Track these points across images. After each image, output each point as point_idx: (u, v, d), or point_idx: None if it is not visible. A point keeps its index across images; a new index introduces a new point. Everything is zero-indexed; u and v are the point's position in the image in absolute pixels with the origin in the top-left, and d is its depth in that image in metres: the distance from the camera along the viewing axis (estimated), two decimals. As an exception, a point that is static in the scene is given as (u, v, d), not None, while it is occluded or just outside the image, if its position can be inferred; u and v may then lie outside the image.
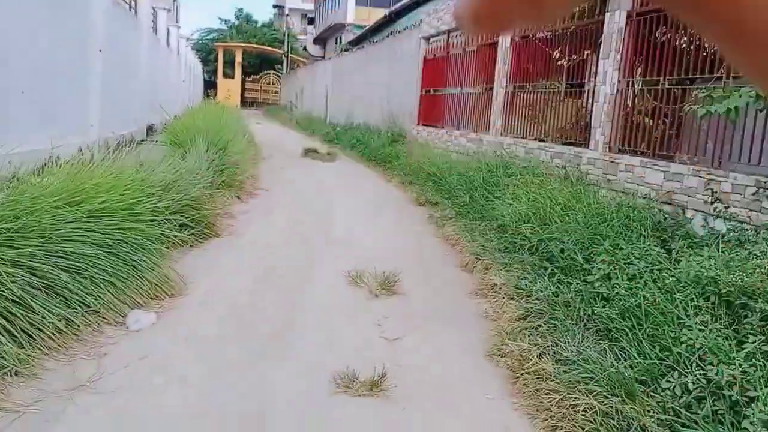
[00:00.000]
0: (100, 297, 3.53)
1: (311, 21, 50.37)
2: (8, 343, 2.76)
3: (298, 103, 33.81)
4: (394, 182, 10.45)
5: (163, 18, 17.01)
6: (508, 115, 9.41)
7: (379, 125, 16.13)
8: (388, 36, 16.88)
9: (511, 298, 4.23)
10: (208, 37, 56.42)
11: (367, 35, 22.93)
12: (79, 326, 3.26)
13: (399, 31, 15.78)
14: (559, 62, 7.72)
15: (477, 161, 8.65)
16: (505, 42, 9.43)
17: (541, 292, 4.06)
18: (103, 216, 3.94)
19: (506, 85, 9.43)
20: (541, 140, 8.30)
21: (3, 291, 2.88)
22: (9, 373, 2.75)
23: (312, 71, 30.55)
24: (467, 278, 4.98)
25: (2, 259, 2.96)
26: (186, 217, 5.33)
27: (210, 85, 49.69)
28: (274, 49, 48.49)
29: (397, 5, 19.62)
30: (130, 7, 12.33)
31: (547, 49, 8.53)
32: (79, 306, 3.38)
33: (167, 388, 2.85)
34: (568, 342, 3.45)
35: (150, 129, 13.56)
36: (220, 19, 62.49)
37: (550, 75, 8.66)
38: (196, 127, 8.73)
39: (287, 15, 50.30)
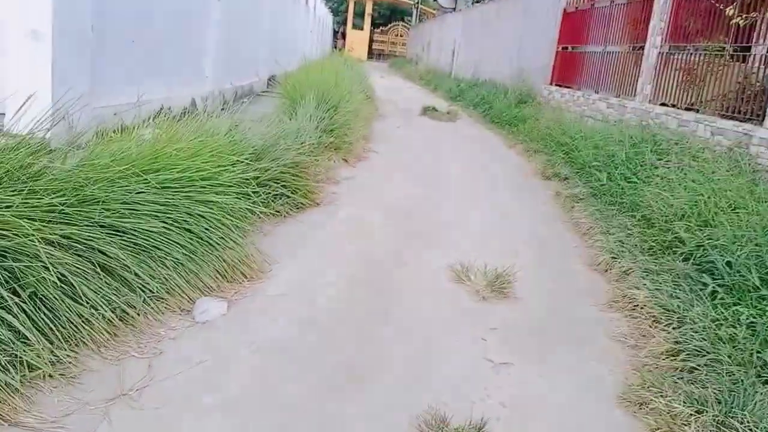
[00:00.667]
0: (166, 281, 3.11)
1: (444, -30, 48.41)
2: (40, 340, 2.37)
3: (425, 56, 32.79)
4: (517, 149, 9.45)
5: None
6: (660, 80, 8.04)
7: (506, 83, 14.93)
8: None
9: (657, 321, 3.33)
10: (339, -13, 56.42)
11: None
12: (136, 316, 2.86)
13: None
14: (733, 20, 6.29)
15: (618, 131, 7.47)
16: (664, -8, 7.99)
17: (700, 320, 3.12)
18: (181, 187, 3.50)
19: (660, 44, 8.04)
20: (697, 111, 6.95)
21: (46, 276, 2.49)
22: (42, 375, 2.37)
23: (440, 24, 29.32)
24: (600, 283, 4.10)
25: (49, 238, 2.57)
26: (283, 185, 4.85)
27: (340, 36, 49.84)
28: (405, 0, 47.42)
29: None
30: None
31: (717, 3, 7.06)
32: (142, 291, 2.98)
33: (211, 414, 2.35)
34: (737, 399, 2.56)
35: (272, 80, 13.40)
36: (353, -32, 62.10)
37: (714, 34, 7.20)
38: (309, 82, 8.23)
39: (420, -36, 48.70)
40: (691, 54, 7.52)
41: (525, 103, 12.25)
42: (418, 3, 44.26)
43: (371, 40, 50.29)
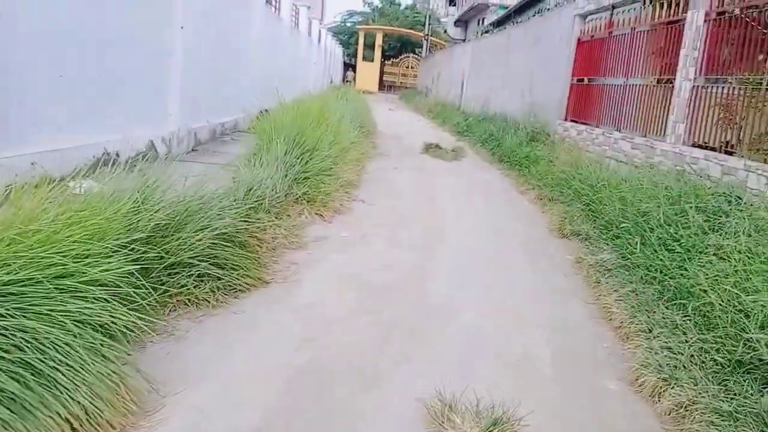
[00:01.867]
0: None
1: (453, 2, 48.01)
2: None
3: (434, 88, 31.94)
4: (530, 195, 8.24)
5: (288, -5, 15.85)
6: (696, 118, 6.83)
7: (517, 117, 13.80)
8: (534, 15, 14.41)
9: None
10: (351, 20, 56.22)
11: (511, 16, 20.41)
12: None
13: (548, 9, 13.27)
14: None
15: (649, 180, 6.24)
16: (696, 18, 6.82)
17: None
18: (19, 294, 2.33)
19: (695, 77, 6.85)
20: (731, 154, 5.73)
21: None
22: None
23: (449, 55, 28.47)
24: (650, 418, 2.84)
25: None
26: (216, 263, 3.67)
27: (350, 68, 49.40)
28: (415, 32, 46.99)
29: (549, -22, 16.93)
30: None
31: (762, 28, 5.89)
32: None
33: None
34: None
35: (264, 114, 12.37)
36: (364, 1, 62.00)
37: (757, 64, 6.03)
38: (290, 119, 7.14)
39: (430, -4, 48.37)
40: (732, 87, 6.32)
41: (537, 140, 11.08)
42: (427, 35, 43.67)
43: (382, 72, 49.76)
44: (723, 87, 6.46)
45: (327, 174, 6.76)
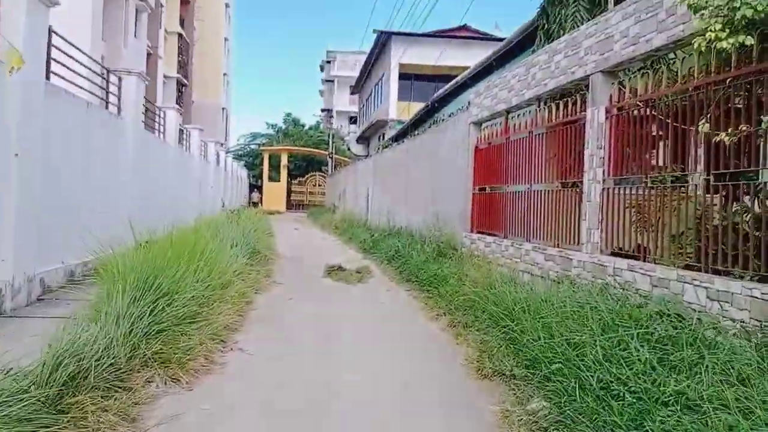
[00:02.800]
0: None
1: (354, 120, 49.45)
2: None
3: (341, 204, 31.54)
4: (441, 322, 7.20)
5: (172, 118, 14.95)
6: (611, 223, 6.21)
7: (422, 231, 13.12)
8: (430, 126, 14.26)
9: None
10: (255, 142, 56.38)
11: (408, 129, 20.55)
12: None
13: (442, 120, 13.11)
14: (715, 138, 4.57)
15: (572, 299, 5.41)
16: (597, 115, 6.39)
17: None
18: None
19: (603, 178, 6.31)
20: (687, 267, 5.01)
21: None
22: None
23: (353, 170, 28.39)
24: None
25: None
26: None
27: (256, 189, 48.75)
28: (320, 151, 47.49)
29: (439, 92, 17.16)
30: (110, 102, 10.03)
31: (672, 122, 5.46)
32: None
33: None
34: None
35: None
36: (267, 123, 62.79)
37: (676, 160, 5.55)
38: (139, 260, 5.85)
39: (330, 116, 49.63)
40: (643, 187, 5.78)
41: (445, 255, 10.28)
42: (332, 153, 44.18)
43: (289, 191, 49.36)
44: (634, 187, 5.90)
45: (192, 321, 5.45)
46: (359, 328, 6.95)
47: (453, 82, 16.17)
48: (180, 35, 41.81)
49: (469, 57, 21.60)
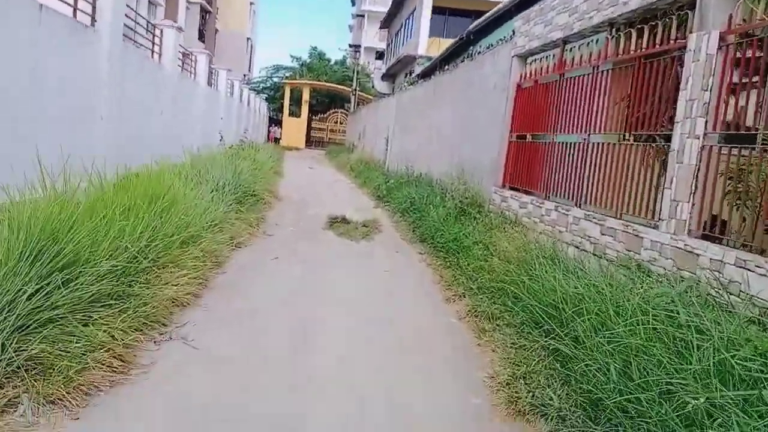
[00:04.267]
0: None
1: (380, 56, 46.82)
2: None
3: (360, 144, 29.72)
4: (459, 307, 5.57)
5: (171, 36, 13.08)
6: (710, 195, 4.42)
7: (444, 180, 11.36)
8: (463, 61, 12.25)
9: None
10: (277, 75, 54.05)
11: (438, 66, 18.42)
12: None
13: (479, 53, 11.10)
14: None
15: (650, 298, 3.71)
16: (706, 44, 4.49)
17: None
18: None
19: (703, 134, 4.46)
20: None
21: None
22: None
23: (375, 109, 26.39)
24: None
25: None
26: None
27: (275, 124, 46.94)
28: (343, 87, 45.17)
29: (478, 21, 14.97)
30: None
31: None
32: None
33: None
34: None
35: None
36: (291, 56, 60.06)
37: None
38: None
39: (357, 51, 46.99)
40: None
41: (468, 214, 8.54)
42: (355, 89, 41.87)
43: (309, 128, 47.49)
44: (753, 148, 4.08)
45: (110, 303, 3.87)
46: (354, 311, 5.33)
47: (494, 9, 13.95)
48: (204, -43, 39.37)
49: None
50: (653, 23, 5.39)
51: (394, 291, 6.08)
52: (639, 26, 5.59)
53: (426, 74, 19.76)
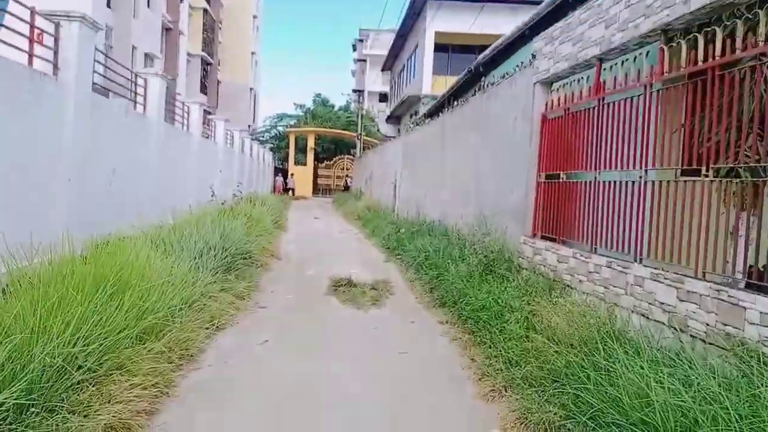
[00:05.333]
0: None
1: (384, 98, 46.26)
2: None
3: (367, 190, 28.64)
4: (503, 408, 4.20)
5: (155, 88, 12.09)
6: None
7: (462, 229, 10.11)
8: (474, 95, 11.14)
9: None
10: (281, 124, 53.66)
11: (445, 103, 17.39)
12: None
13: (492, 83, 9.97)
14: None
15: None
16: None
17: None
18: None
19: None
20: None
21: None
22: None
23: (381, 153, 25.39)
24: None
25: None
26: None
27: (280, 173, 46.12)
28: (348, 133, 44.57)
29: (486, 51, 13.91)
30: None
31: None
32: None
33: None
34: None
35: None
36: (295, 104, 59.81)
37: None
38: None
39: (360, 95, 46.47)
40: None
41: (494, 270, 7.24)
42: (360, 133, 41.10)
43: (316, 175, 46.74)
44: None
45: None
46: (364, 424, 3.97)
47: (504, 37, 12.88)
48: (205, 11, 39.36)
49: (517, 23, 18.26)
50: (727, 23, 4.19)
51: (414, 384, 4.72)
52: (707, 29, 4.37)
53: (432, 113, 18.74)
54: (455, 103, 12.83)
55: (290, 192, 40.52)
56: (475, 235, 8.31)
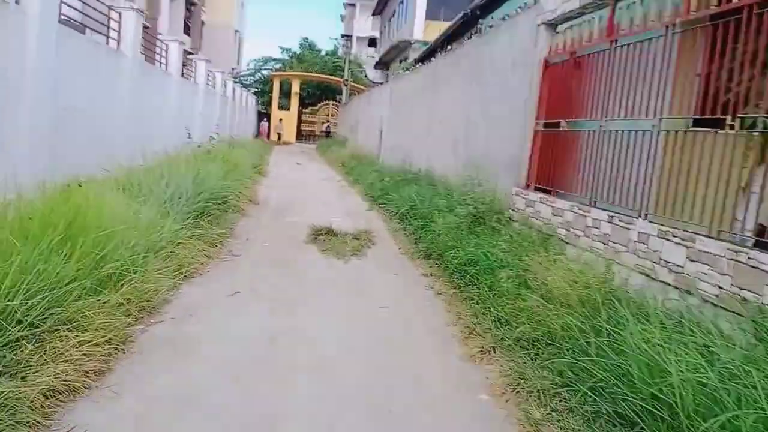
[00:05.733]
0: None
1: (373, 43, 44.89)
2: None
3: (352, 137, 27.97)
4: (492, 370, 3.85)
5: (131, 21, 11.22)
6: None
7: (450, 179, 9.69)
8: (470, 38, 10.51)
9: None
10: (266, 68, 52.07)
11: (438, 48, 16.64)
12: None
13: (490, 26, 9.35)
14: None
15: None
16: None
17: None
18: None
19: None
20: None
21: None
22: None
23: (367, 99, 24.62)
24: None
25: None
26: None
27: (265, 117, 44.98)
28: (335, 78, 43.30)
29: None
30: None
31: None
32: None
33: None
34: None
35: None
36: (281, 48, 57.87)
37: None
38: None
39: (348, 41, 44.93)
40: None
41: (484, 222, 6.84)
42: (347, 80, 39.94)
43: (300, 121, 45.66)
44: None
45: None
46: (340, 393, 3.59)
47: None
48: (190, -52, 37.41)
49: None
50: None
51: (395, 344, 4.35)
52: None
53: (424, 59, 17.99)
54: (449, 48, 12.16)
55: (278, 137, 39.58)
56: (465, 186, 7.88)
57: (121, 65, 10.78)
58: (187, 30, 38.97)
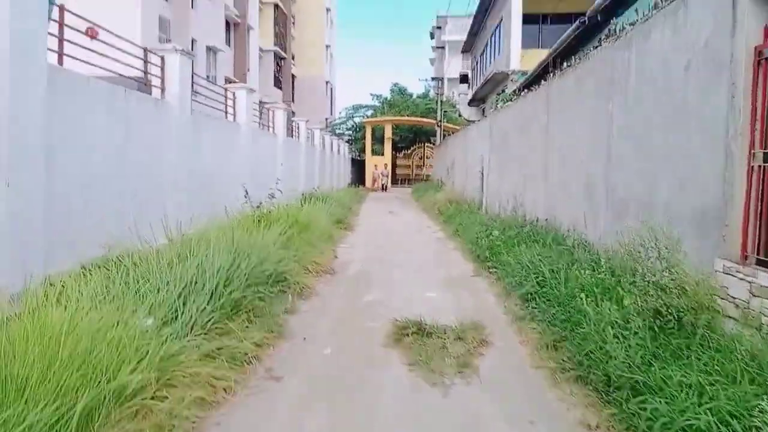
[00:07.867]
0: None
1: (464, 79, 42.70)
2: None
3: (448, 180, 25.62)
4: None
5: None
6: None
7: (587, 234, 6.99)
8: (597, 46, 7.89)
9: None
10: (357, 115, 51.49)
11: (548, 69, 14.04)
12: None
13: (622, 29, 6.70)
14: None
15: None
16: None
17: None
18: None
19: None
20: None
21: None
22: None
23: (463, 138, 22.24)
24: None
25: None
26: None
27: (359, 164, 43.94)
28: (427, 120, 41.56)
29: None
30: None
31: None
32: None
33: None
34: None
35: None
36: (372, 95, 57.26)
37: None
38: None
39: (439, 83, 43.05)
40: None
41: (680, 327, 4.10)
42: (440, 121, 37.86)
43: (394, 165, 44.08)
44: None
45: None
46: None
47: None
48: (276, 6, 37.52)
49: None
50: None
51: None
52: None
53: (527, 87, 15.42)
54: (564, 65, 9.57)
55: (382, 188, 37.81)
56: (625, 252, 5.17)
57: (164, 117, 9.11)
58: (277, 83, 38.80)
